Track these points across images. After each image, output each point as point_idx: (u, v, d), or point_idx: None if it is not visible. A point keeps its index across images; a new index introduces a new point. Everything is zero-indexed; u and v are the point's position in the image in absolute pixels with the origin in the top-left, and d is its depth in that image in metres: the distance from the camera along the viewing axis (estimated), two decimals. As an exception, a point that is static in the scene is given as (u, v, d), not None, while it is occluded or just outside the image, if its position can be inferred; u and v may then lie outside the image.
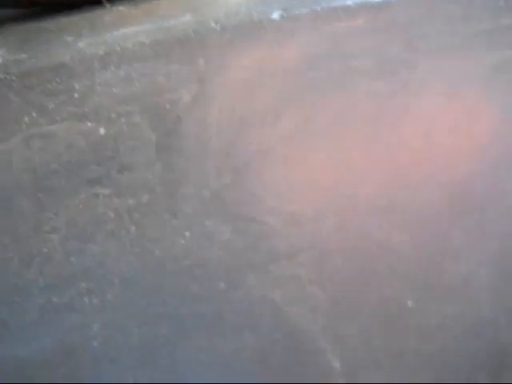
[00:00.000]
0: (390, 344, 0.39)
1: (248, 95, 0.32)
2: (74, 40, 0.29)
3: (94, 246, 0.32)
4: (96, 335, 0.33)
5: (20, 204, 0.30)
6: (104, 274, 0.32)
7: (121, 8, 0.30)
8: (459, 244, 0.39)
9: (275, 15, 0.32)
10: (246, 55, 0.32)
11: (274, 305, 0.36)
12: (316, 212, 0.35)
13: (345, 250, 0.37)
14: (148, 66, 0.30)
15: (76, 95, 0.29)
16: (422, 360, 0.40)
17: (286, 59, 0.32)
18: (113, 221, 0.32)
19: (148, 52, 0.30)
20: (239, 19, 0.32)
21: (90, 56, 0.29)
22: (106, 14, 0.30)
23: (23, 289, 0.31)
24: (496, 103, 0.36)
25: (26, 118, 0.29)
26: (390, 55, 0.34)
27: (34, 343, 0.32)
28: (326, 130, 0.34)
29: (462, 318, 0.40)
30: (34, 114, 0.29)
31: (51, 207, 0.31)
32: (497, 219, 0.39)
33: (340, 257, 0.37)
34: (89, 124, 0.30)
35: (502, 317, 0.40)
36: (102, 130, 0.30)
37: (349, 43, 0.33)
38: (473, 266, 0.39)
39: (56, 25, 0.29)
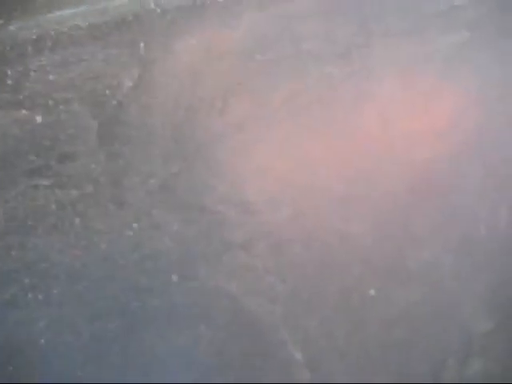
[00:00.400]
0: (353, 334, 0.38)
1: (194, 80, 0.31)
2: (4, 23, 0.28)
3: (36, 239, 0.30)
4: (43, 332, 0.32)
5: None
6: (48, 268, 0.31)
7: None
8: (421, 230, 0.38)
9: (219, -4, 0.31)
10: (190, 38, 0.31)
11: (230, 296, 0.35)
12: (271, 201, 0.34)
13: (302, 240, 0.36)
14: (85, 51, 0.29)
15: (9, 81, 0.28)
16: (386, 349, 0.39)
17: (233, 42, 0.31)
18: (55, 213, 0.31)
19: (85, 36, 0.29)
20: (181, 0, 0.30)
21: (22, 40, 0.28)
22: (39, -3, 0.28)
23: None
24: (453, 86, 0.35)
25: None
26: (343, 38, 0.33)
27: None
28: (277, 115, 0.33)
29: (426, 304, 0.39)
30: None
31: (-12, 200, 0.29)
32: (457, 204, 0.38)
33: (298, 246, 0.36)
34: (24, 112, 0.29)
35: (467, 302, 0.40)
36: (38, 119, 0.29)
37: (299, 25, 0.32)
38: (435, 251, 0.39)
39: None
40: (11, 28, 0.28)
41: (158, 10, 0.30)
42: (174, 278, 0.34)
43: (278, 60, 0.33)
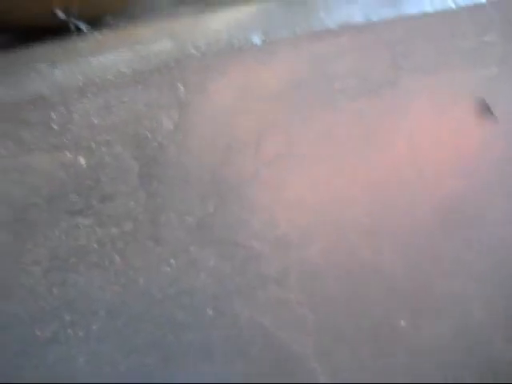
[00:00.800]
0: (383, 365, 0.38)
1: (230, 120, 0.32)
2: (50, 70, 0.29)
3: (78, 276, 0.31)
4: (82, 368, 0.32)
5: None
6: (88, 305, 0.32)
7: (97, 34, 0.29)
8: (450, 261, 0.38)
9: (256, 39, 0.32)
10: (228, 80, 0.31)
11: (264, 329, 0.35)
12: (303, 235, 0.35)
13: (334, 273, 0.36)
14: (127, 94, 0.30)
15: (54, 126, 0.29)
16: (415, 380, 0.39)
17: (268, 83, 0.32)
18: (96, 251, 0.31)
19: (127, 80, 0.30)
20: (219, 44, 0.31)
21: (67, 86, 0.29)
22: (81, 41, 0.29)
23: (4, 322, 0.30)
24: (482, 119, 0.36)
25: (3, 150, 0.28)
26: (374, 75, 0.34)
27: (18, 377, 0.31)
28: (310, 152, 0.34)
29: (455, 335, 0.40)
30: (11, 146, 0.29)
31: (31, 239, 0.30)
32: (486, 234, 0.38)
33: (329, 279, 0.36)
34: (68, 155, 0.29)
35: (496, 333, 0.40)
36: (82, 161, 0.30)
37: (331, 64, 0.33)
38: (464, 282, 0.39)
39: (31, 54, 0.29)
40: (57, 74, 0.29)
41: (198, 55, 0.31)
42: (210, 312, 0.34)
43: (311, 98, 0.33)
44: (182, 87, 0.31)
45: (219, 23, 0.31)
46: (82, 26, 0.30)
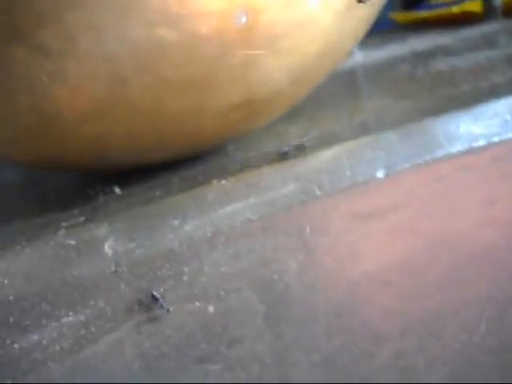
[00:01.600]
0: None
1: (354, 256, 0.31)
2: (180, 223, 0.29)
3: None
4: None
5: (132, 389, 0.29)
6: None
7: (223, 182, 0.29)
8: None
9: (379, 174, 0.31)
10: (351, 218, 0.31)
11: None
12: (430, 363, 0.34)
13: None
14: (256, 242, 0.30)
15: (185, 278, 0.29)
16: None
17: (394, 219, 0.31)
18: (227, 395, 0.31)
19: (255, 227, 0.29)
20: (343, 183, 0.31)
21: (197, 239, 0.29)
22: (209, 191, 0.29)
23: None
24: None
25: (137, 306, 0.28)
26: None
27: None
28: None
29: None
30: (144, 301, 0.29)
31: (162, 389, 0.30)
32: None
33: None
34: (198, 304, 0.29)
35: None
36: (211, 309, 0.30)
37: (463, 194, 0.32)
38: None
39: (161, 207, 0.29)
40: (187, 228, 0.29)
41: (323, 195, 0.30)
42: None
43: (447, 232, 0.32)
44: (307, 229, 0.30)
45: (342, 160, 0.31)
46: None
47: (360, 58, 0.53)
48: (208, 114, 0.27)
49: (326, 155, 0.31)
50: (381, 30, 0.59)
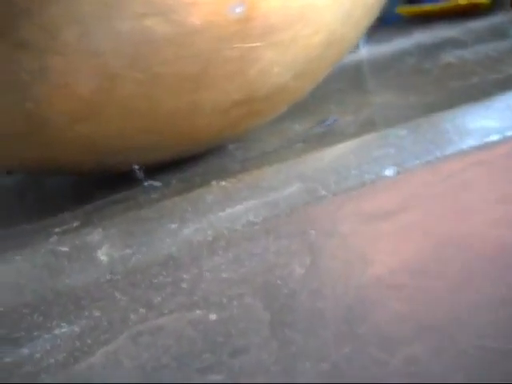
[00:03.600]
0: None
1: (363, 259, 0.30)
2: (178, 227, 0.27)
3: None
4: None
5: (130, 403, 0.28)
6: None
7: (223, 184, 0.28)
8: None
9: (388, 172, 0.29)
10: (359, 219, 0.29)
11: None
12: (446, 371, 0.32)
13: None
14: (258, 245, 0.28)
15: (184, 285, 0.27)
16: None
17: (404, 219, 0.29)
18: (227, 406, 0.29)
19: (257, 230, 0.28)
20: (350, 182, 0.29)
21: (197, 244, 0.27)
22: (208, 193, 0.28)
23: None
24: None
25: (133, 316, 0.27)
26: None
27: None
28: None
29: None
30: (141, 311, 0.27)
31: (163, 401, 0.28)
32: None
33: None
34: (198, 312, 0.28)
35: None
36: (212, 317, 0.28)
37: (476, 192, 0.30)
38: None
39: (158, 211, 0.27)
40: (186, 232, 0.27)
41: (328, 195, 0.29)
42: None
43: (456, 235, 0.31)
44: (312, 231, 0.28)
45: (348, 158, 0.29)
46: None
47: (365, 52, 0.51)
48: (205, 112, 0.25)
49: (332, 153, 0.30)
50: (386, 24, 0.57)
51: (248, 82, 0.27)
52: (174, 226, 0.27)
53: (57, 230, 0.28)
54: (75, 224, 0.28)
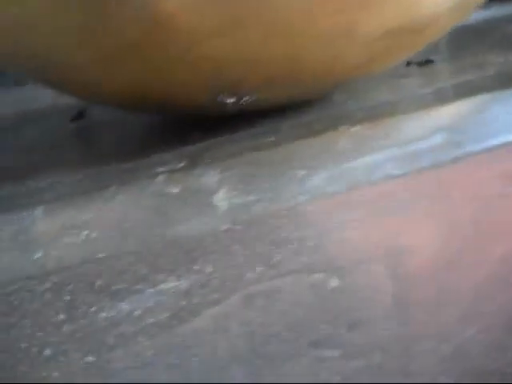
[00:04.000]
0: None
1: (508, 231, 0.26)
2: (307, 174, 0.23)
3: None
4: None
5: (234, 374, 0.24)
6: None
7: (356, 128, 0.24)
8: None
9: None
10: (507, 183, 0.25)
11: None
12: None
13: None
14: (394, 203, 0.24)
15: (309, 243, 0.23)
16: None
17: None
18: (337, 386, 0.25)
19: (396, 185, 0.24)
20: (495, 138, 0.25)
21: (327, 195, 0.23)
22: (339, 139, 0.24)
23: None
24: None
25: (249, 274, 0.23)
26: None
27: None
28: None
29: None
30: (258, 269, 0.23)
31: (269, 375, 0.24)
32: None
33: None
34: (319, 276, 0.24)
35: None
36: (333, 282, 0.24)
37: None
38: None
39: (285, 154, 0.23)
40: (315, 180, 0.23)
41: (475, 149, 0.25)
42: None
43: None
44: (455, 192, 0.24)
45: (491, 110, 0.25)
46: None
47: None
48: (356, 38, 0.21)
49: (471, 103, 0.26)
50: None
51: (404, 9, 0.23)
52: (302, 172, 0.23)
53: (161, 169, 0.24)
54: (182, 164, 0.24)
